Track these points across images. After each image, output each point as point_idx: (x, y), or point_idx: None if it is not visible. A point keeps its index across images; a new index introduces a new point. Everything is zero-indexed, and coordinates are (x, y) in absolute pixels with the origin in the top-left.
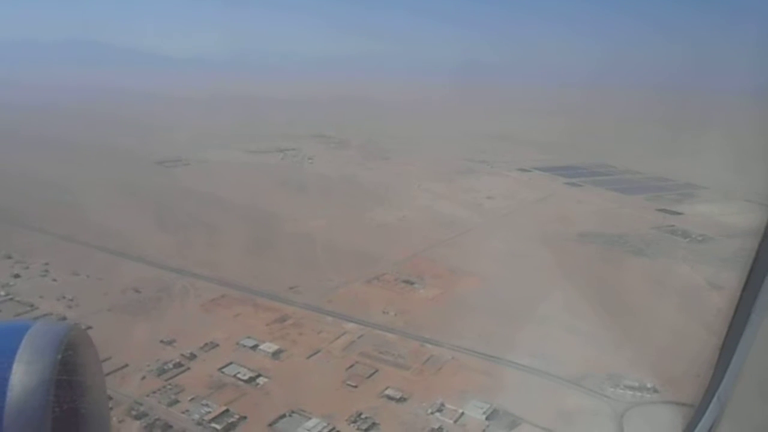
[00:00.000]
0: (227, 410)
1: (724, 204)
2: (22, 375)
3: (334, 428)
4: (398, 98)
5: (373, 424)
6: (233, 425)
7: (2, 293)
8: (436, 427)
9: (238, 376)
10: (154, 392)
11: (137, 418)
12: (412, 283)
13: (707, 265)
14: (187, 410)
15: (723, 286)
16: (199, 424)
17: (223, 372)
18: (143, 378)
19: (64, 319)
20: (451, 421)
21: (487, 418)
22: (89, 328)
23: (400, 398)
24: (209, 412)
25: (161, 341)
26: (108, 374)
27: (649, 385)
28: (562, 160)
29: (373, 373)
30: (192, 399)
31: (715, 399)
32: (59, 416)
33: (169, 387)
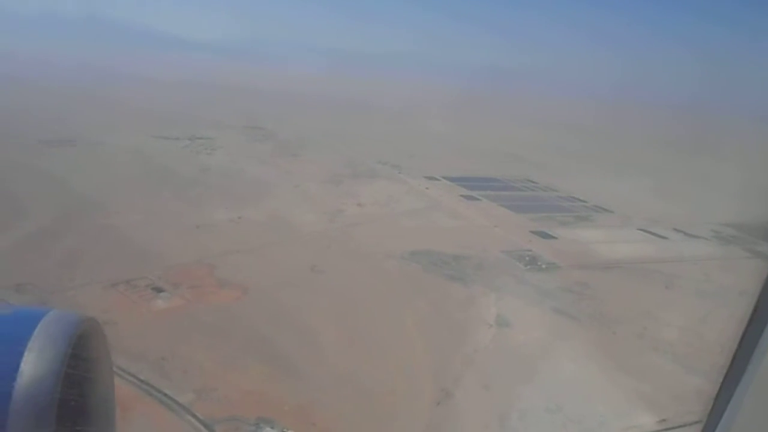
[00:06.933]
0: None
1: (614, 231)
2: (33, 363)
3: None
4: (378, 98)
5: None
6: None
7: None
8: None
9: None
10: None
11: None
12: (160, 291)
13: (518, 298)
14: None
15: (512, 324)
16: None
17: None
18: None
19: None
20: None
21: None
22: None
23: None
24: None
25: None
26: None
27: None
28: (483, 171)
29: None
30: None
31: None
32: (65, 408)
33: None
